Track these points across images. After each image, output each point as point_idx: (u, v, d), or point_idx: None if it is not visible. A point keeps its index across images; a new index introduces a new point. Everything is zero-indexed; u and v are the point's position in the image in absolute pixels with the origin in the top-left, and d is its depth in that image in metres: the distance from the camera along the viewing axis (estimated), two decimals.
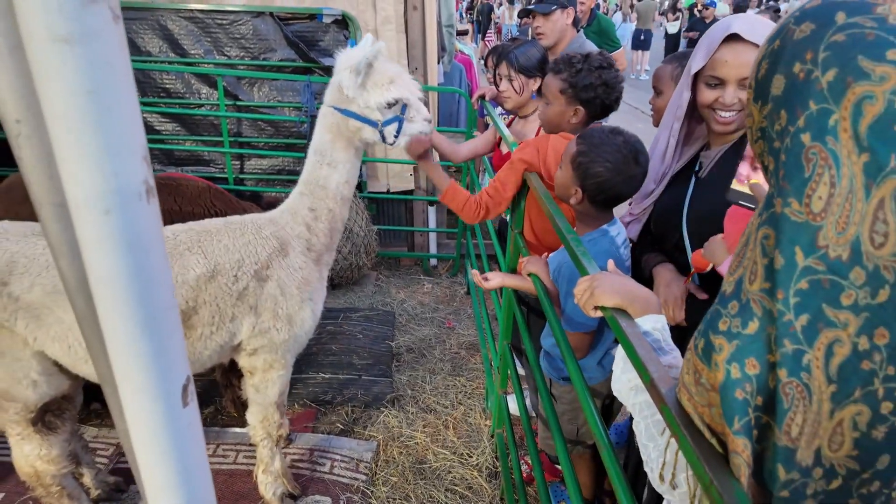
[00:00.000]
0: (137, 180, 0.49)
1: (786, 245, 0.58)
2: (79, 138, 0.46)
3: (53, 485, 1.76)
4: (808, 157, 0.57)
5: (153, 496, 0.62)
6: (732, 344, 0.62)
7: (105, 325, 0.54)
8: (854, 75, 0.54)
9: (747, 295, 0.62)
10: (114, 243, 0.49)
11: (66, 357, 1.55)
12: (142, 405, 0.57)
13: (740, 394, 0.62)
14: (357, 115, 1.72)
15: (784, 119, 0.59)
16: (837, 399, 0.59)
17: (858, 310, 0.57)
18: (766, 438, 0.62)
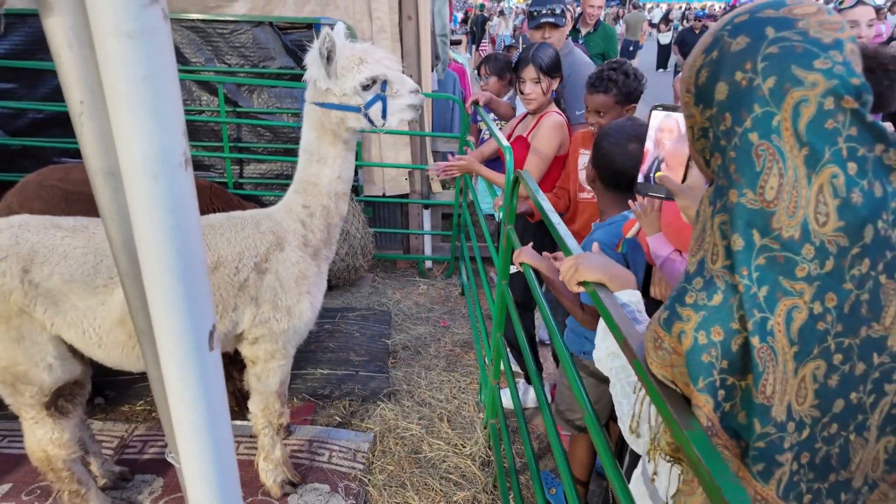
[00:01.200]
0: (179, 151, 0.60)
1: (744, 229, 0.68)
2: (135, 115, 0.56)
3: (64, 469, 1.84)
4: (757, 154, 0.67)
5: (182, 432, 0.72)
6: (699, 314, 0.71)
7: (148, 278, 0.64)
8: (791, 82, 0.65)
9: (710, 272, 0.71)
10: (159, 205, 0.60)
11: (81, 341, 1.64)
12: (177, 348, 0.68)
13: (706, 357, 0.70)
14: (336, 105, 1.72)
15: (729, 120, 0.69)
16: (799, 358, 0.68)
17: (811, 280, 0.67)
18: (733, 397, 0.71)
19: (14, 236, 1.58)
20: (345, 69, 1.70)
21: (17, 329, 1.59)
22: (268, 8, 3.56)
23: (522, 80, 2.46)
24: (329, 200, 1.88)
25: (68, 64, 0.58)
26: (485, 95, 3.11)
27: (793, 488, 0.72)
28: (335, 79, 1.71)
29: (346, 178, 1.89)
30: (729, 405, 0.71)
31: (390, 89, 1.78)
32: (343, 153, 1.84)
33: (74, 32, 0.56)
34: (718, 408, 0.71)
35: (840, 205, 0.66)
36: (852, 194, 0.67)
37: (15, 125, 3.58)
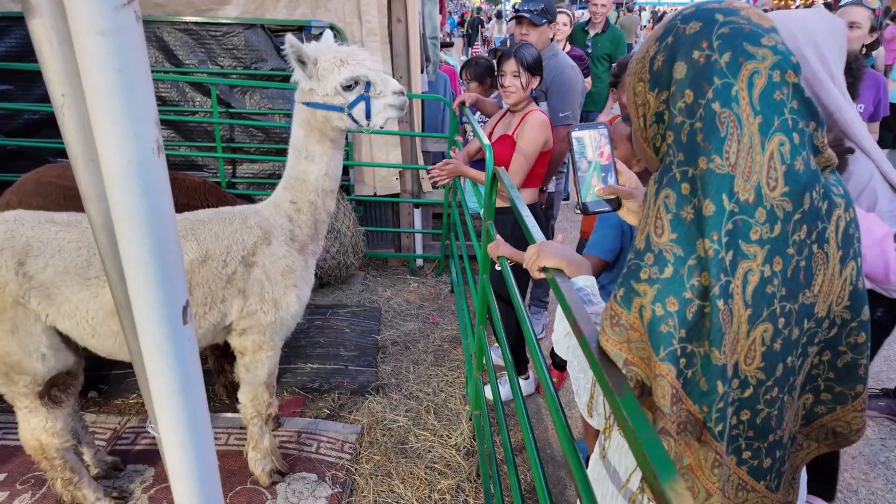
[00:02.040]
0: (152, 139, 0.66)
1: (714, 194, 0.71)
2: (110, 106, 0.62)
3: (57, 458, 1.90)
4: (720, 121, 0.72)
5: (159, 399, 0.78)
6: (654, 288, 0.75)
7: (124, 255, 0.71)
8: (744, 56, 0.73)
9: (658, 246, 0.75)
10: (134, 186, 0.66)
11: (75, 332, 1.70)
12: (152, 321, 0.74)
13: (664, 328, 0.74)
14: (321, 104, 1.79)
15: (690, 96, 0.74)
16: (752, 320, 0.73)
17: (763, 243, 0.72)
18: (694, 364, 0.74)
19: (9, 230, 1.64)
20: (326, 70, 1.77)
21: (11, 320, 1.65)
22: (259, 11, 3.63)
23: (503, 74, 2.53)
24: (316, 197, 1.94)
25: (50, 60, 0.64)
26: (471, 96, 3.18)
27: (732, 442, 0.78)
28: (317, 80, 1.78)
29: (334, 175, 1.95)
30: (691, 372, 0.74)
31: (374, 90, 1.84)
32: (330, 151, 1.90)
33: (55, 32, 0.63)
34: (681, 375, 0.74)
35: (786, 171, 0.72)
36: (796, 162, 0.73)
37: (10, 126, 3.64)
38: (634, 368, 0.79)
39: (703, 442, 0.75)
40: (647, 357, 0.78)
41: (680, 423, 0.75)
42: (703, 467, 0.76)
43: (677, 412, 0.75)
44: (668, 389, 0.75)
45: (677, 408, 0.75)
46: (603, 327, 0.84)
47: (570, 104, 2.97)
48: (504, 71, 2.53)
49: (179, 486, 0.84)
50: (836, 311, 0.81)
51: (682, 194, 0.74)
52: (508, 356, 1.88)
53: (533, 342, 1.37)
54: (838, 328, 0.81)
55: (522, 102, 2.58)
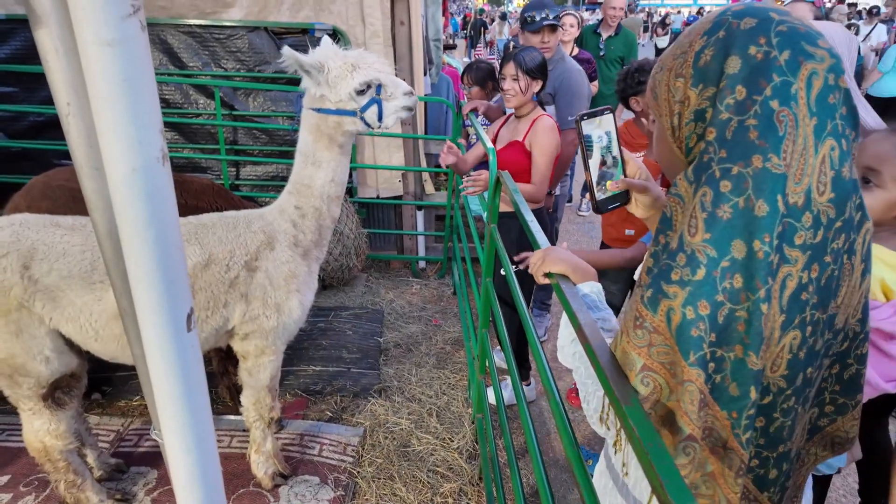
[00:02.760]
0: (157, 147, 0.66)
1: (769, 194, 0.69)
2: (115, 114, 0.63)
3: (60, 460, 1.90)
4: (779, 119, 0.69)
5: (162, 405, 0.79)
6: (685, 290, 0.71)
7: (129, 262, 0.71)
8: (804, 56, 0.71)
9: (691, 247, 0.72)
10: (139, 194, 0.66)
11: (79, 335, 1.70)
12: (156, 328, 0.74)
13: (695, 332, 0.71)
14: (333, 110, 1.78)
15: (743, 92, 0.71)
16: (784, 326, 0.72)
17: (805, 248, 0.71)
18: (723, 369, 0.72)
19: (15, 234, 1.65)
20: (338, 77, 1.76)
21: (16, 323, 1.65)
22: (263, 13, 3.64)
23: (503, 77, 2.52)
24: (321, 203, 1.94)
25: (56, 69, 0.65)
26: (482, 104, 3.18)
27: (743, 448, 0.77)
28: (328, 87, 1.77)
29: (340, 181, 1.95)
30: (719, 377, 0.72)
31: (384, 92, 1.84)
32: (338, 157, 1.90)
33: (61, 41, 0.63)
34: (709, 380, 0.72)
35: (834, 177, 0.71)
36: (843, 169, 0.71)
37: (15, 128, 3.66)
38: (653, 375, 0.76)
39: (729, 449, 0.73)
40: (669, 362, 0.75)
41: (705, 430, 0.74)
42: (727, 476, 0.74)
43: (704, 418, 0.73)
44: (696, 395, 0.72)
45: (704, 413, 0.73)
46: (625, 329, 0.81)
47: (579, 109, 2.97)
48: (504, 74, 2.52)
49: (182, 492, 0.84)
50: (850, 324, 0.79)
51: (720, 192, 0.71)
52: (512, 360, 1.88)
53: (537, 347, 1.37)
54: (850, 341, 0.80)
55: (526, 107, 2.56)
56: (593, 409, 0.95)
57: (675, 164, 0.84)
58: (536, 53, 2.54)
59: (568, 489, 2.41)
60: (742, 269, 0.70)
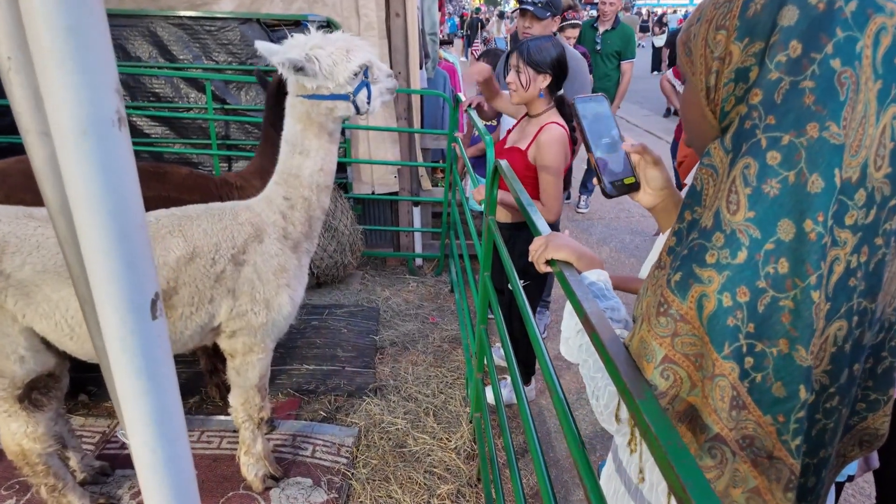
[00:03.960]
0: (111, 108, 0.58)
1: (825, 168, 0.60)
2: (61, 68, 0.55)
3: (40, 463, 1.82)
4: (840, 82, 0.60)
5: (126, 403, 0.71)
6: (723, 275, 0.63)
7: (83, 241, 0.63)
8: (873, 7, 0.60)
9: (731, 226, 0.63)
10: (90, 162, 0.58)
11: (53, 333, 1.62)
12: (116, 316, 0.66)
13: (731, 321, 0.63)
14: (327, 95, 1.73)
15: (798, 48, 0.61)
16: (829, 316, 0.63)
17: (856, 229, 0.62)
18: (765, 367, 0.63)
19: None
20: (335, 63, 1.72)
21: None
22: (255, 5, 3.56)
23: (509, 69, 2.33)
24: (310, 193, 1.87)
25: None
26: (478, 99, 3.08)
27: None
28: (325, 76, 1.72)
29: (329, 170, 1.89)
30: (760, 376, 0.64)
31: (371, 75, 1.81)
32: (327, 145, 1.84)
33: None
34: (746, 377, 0.64)
35: (893, 149, 0.62)
36: None
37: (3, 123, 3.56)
38: (674, 367, 0.68)
39: (776, 459, 0.64)
40: (695, 354, 0.67)
41: (745, 437, 0.65)
42: (774, 490, 0.65)
43: (738, 420, 0.65)
44: (728, 391, 0.65)
45: (738, 414, 0.65)
46: (646, 316, 0.73)
47: None
48: (509, 66, 2.32)
49: (152, 496, 0.76)
50: (887, 314, 0.71)
51: (767, 164, 0.62)
52: (512, 357, 1.80)
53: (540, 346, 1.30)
54: (885, 332, 0.72)
55: (536, 105, 2.31)
56: (604, 406, 0.87)
57: (705, 132, 0.74)
58: (547, 44, 2.25)
59: (569, 491, 2.34)
60: (789, 253, 0.61)
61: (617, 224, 5.36)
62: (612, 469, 1.01)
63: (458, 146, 3.35)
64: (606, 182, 0.96)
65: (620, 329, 0.91)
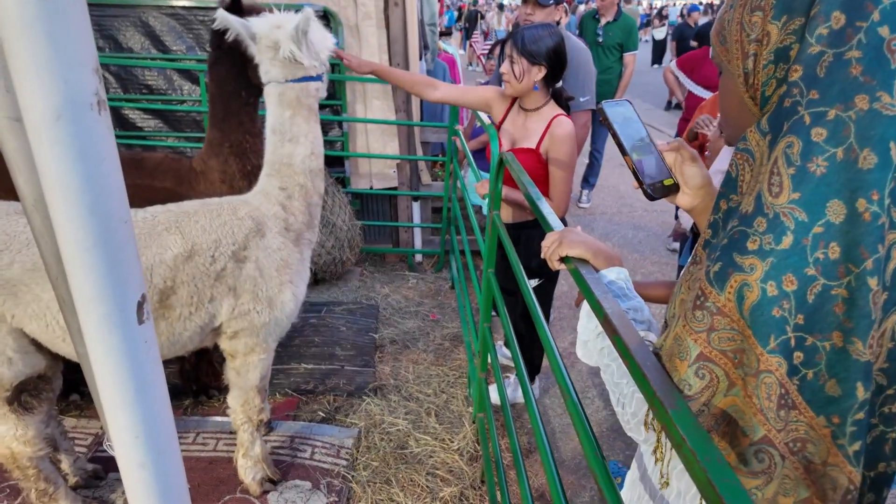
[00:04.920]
0: (88, 90, 0.52)
1: (878, 142, 0.56)
2: (31, 45, 0.48)
3: (30, 467, 1.76)
4: (890, 49, 0.56)
5: (111, 413, 0.65)
6: (767, 262, 0.59)
7: (61, 237, 0.56)
8: None
9: (773, 209, 0.60)
10: (65, 149, 0.52)
11: (44, 335, 1.56)
12: (98, 319, 0.60)
13: (777, 312, 0.59)
14: (312, 77, 1.75)
15: (842, 19, 0.58)
16: (887, 307, 0.58)
17: None
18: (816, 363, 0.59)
19: None
20: (320, 41, 1.73)
21: None
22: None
23: (505, 55, 2.18)
24: (306, 179, 1.84)
25: None
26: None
27: None
28: (311, 56, 1.72)
29: (319, 153, 1.87)
30: (812, 373, 0.59)
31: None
32: (314, 128, 1.84)
33: None
34: (795, 373, 0.59)
35: None
36: None
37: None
38: (710, 366, 0.63)
39: (831, 466, 0.59)
40: (733, 350, 0.62)
41: (796, 441, 0.59)
42: (831, 500, 0.60)
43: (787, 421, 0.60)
44: (775, 389, 0.60)
45: (786, 414, 0.60)
46: (683, 313, 0.68)
47: (590, 87, 2.81)
48: (506, 53, 2.18)
49: None
50: None
51: (812, 141, 0.58)
52: (518, 355, 1.75)
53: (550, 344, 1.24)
54: None
55: (531, 99, 2.18)
56: (631, 414, 0.81)
57: (746, 121, 0.69)
58: (544, 33, 2.09)
59: (575, 493, 2.29)
60: (840, 237, 0.56)
61: (619, 219, 5.31)
62: (636, 476, 0.95)
63: (459, 139, 3.29)
64: (647, 185, 0.93)
65: (644, 331, 0.86)
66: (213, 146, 2.21)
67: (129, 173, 2.28)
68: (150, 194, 2.20)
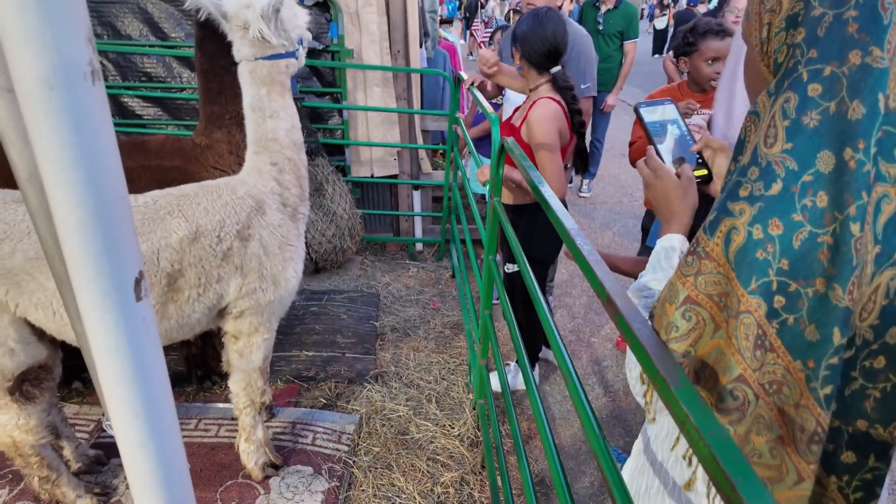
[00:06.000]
0: (82, 60, 0.51)
1: (868, 93, 0.57)
2: (22, 11, 0.47)
3: (32, 455, 1.76)
4: (884, 7, 0.58)
5: (109, 389, 0.64)
6: (755, 206, 0.62)
7: (56, 212, 0.56)
8: None
9: (766, 158, 0.62)
10: (59, 121, 0.51)
11: (51, 323, 1.55)
12: (95, 297, 0.59)
13: (761, 254, 0.61)
14: (283, 54, 1.76)
15: None
16: (879, 261, 0.58)
17: None
18: (798, 308, 0.61)
19: None
20: (291, 17, 1.75)
21: None
22: None
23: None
24: (293, 152, 1.86)
25: None
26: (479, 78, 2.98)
27: None
28: (283, 31, 1.74)
29: (298, 126, 1.90)
30: (793, 318, 0.60)
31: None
32: (290, 102, 1.86)
33: None
34: (775, 316, 0.61)
35: None
36: None
37: None
38: (697, 308, 0.66)
39: (802, 407, 0.61)
40: (719, 294, 0.64)
41: (773, 383, 0.61)
42: (798, 441, 0.62)
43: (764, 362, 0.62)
44: (753, 329, 0.62)
45: (763, 355, 0.62)
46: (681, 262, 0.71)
47: (591, 74, 2.79)
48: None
49: (140, 494, 0.70)
50: None
51: (807, 96, 0.60)
52: (519, 342, 1.75)
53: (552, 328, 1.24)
54: None
55: (528, 82, 2.22)
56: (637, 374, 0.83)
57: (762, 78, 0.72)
58: (526, 17, 2.12)
59: (574, 478, 2.30)
60: (829, 186, 0.58)
61: (620, 209, 5.29)
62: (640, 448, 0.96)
63: (460, 127, 3.27)
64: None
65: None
66: (213, 120, 2.24)
67: (135, 156, 2.27)
68: (160, 174, 2.20)
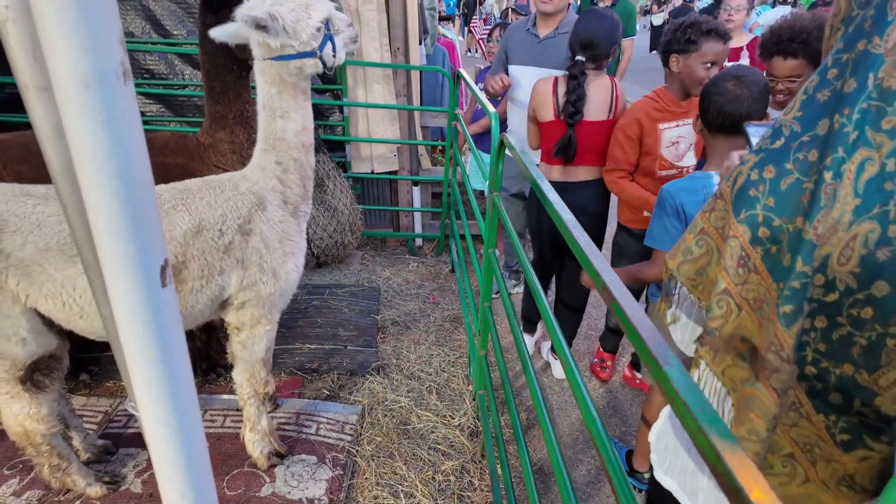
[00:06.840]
0: (115, 60, 0.55)
1: (862, 72, 0.69)
2: (60, 16, 0.51)
3: (43, 444, 1.81)
4: (892, 7, 0.68)
5: (136, 372, 0.68)
6: (759, 156, 0.76)
7: (89, 203, 0.60)
8: None
9: (780, 122, 0.76)
10: (94, 116, 0.55)
11: (61, 313, 1.59)
12: (124, 281, 0.63)
13: (752, 192, 0.76)
14: (295, 55, 1.73)
15: None
16: (858, 212, 0.66)
17: (894, 134, 0.66)
18: (779, 240, 0.73)
19: None
20: (296, 20, 1.71)
21: None
22: None
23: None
24: (299, 153, 1.88)
25: None
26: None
27: (800, 349, 0.69)
28: (286, 34, 1.71)
29: (310, 128, 1.91)
30: (776, 248, 0.74)
31: (333, 27, 1.82)
32: (303, 104, 1.86)
33: None
34: (759, 244, 0.73)
35: None
36: None
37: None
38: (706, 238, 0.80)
39: (770, 321, 0.73)
40: (721, 225, 0.79)
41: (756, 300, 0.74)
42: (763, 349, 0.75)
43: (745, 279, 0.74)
44: (737, 251, 0.76)
45: (745, 273, 0.75)
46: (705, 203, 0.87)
47: None
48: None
49: (164, 469, 0.75)
50: None
51: (825, 79, 0.72)
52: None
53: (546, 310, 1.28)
54: None
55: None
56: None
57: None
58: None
59: (572, 466, 2.35)
60: (820, 145, 0.70)
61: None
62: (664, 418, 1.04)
63: (460, 123, 3.30)
64: None
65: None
66: (217, 119, 2.25)
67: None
68: (163, 171, 2.24)
